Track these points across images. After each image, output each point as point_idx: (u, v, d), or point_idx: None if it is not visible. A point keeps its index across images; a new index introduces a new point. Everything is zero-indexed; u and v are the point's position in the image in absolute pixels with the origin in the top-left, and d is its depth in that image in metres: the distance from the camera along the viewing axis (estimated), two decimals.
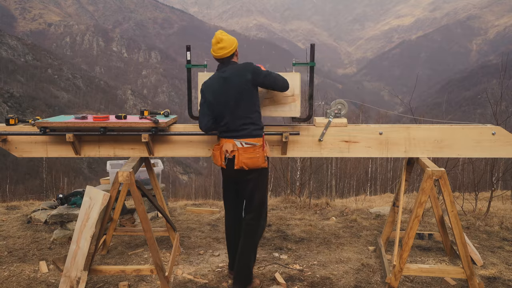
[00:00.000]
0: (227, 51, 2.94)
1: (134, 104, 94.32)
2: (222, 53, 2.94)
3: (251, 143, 2.90)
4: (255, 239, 3.09)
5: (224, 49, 2.93)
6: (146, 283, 3.29)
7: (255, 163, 2.91)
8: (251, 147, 2.89)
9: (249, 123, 2.91)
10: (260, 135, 2.95)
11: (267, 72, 2.95)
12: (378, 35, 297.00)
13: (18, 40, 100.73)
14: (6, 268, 3.56)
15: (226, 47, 2.94)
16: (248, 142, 2.90)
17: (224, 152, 2.94)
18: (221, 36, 2.95)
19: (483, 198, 7.86)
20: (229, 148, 2.91)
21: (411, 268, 3.05)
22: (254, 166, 2.92)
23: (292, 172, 8.93)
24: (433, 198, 3.58)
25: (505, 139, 3.16)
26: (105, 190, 3.26)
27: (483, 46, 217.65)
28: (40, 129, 3.11)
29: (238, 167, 2.90)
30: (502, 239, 4.40)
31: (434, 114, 34.73)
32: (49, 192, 23.90)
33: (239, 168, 2.91)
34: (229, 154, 2.91)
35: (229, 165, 2.97)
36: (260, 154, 2.91)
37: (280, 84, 2.97)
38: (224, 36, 2.95)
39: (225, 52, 2.94)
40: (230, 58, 2.99)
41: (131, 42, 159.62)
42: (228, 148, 2.92)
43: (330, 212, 5.46)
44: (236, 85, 2.87)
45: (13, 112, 53.93)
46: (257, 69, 2.91)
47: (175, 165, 66.96)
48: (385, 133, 3.21)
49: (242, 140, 2.90)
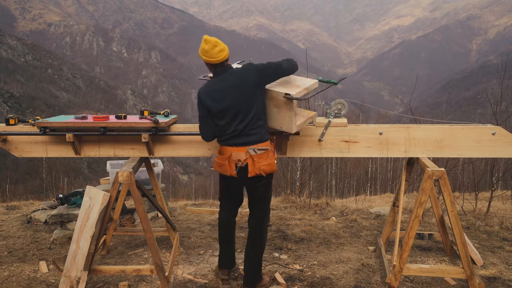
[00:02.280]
0: (226, 52, 2.81)
1: (134, 104, 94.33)
2: (222, 56, 2.78)
3: (263, 148, 2.82)
4: (263, 239, 3.08)
5: (223, 51, 2.79)
6: (146, 283, 3.29)
7: (272, 168, 2.86)
8: (264, 153, 2.82)
9: (260, 126, 2.81)
10: (269, 138, 2.88)
11: (267, 64, 2.83)
12: (378, 35, 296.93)
13: (18, 40, 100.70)
14: (6, 268, 3.56)
15: (224, 49, 2.79)
16: (261, 148, 2.81)
17: (235, 161, 2.83)
18: (214, 39, 2.81)
19: (483, 198, 7.86)
20: (241, 157, 2.80)
21: (411, 268, 3.05)
22: (271, 171, 2.87)
23: (292, 172, 8.92)
24: (433, 198, 3.58)
25: (505, 139, 3.16)
26: (105, 190, 3.26)
27: (483, 46, 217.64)
28: (40, 129, 3.11)
29: (254, 174, 2.81)
30: (502, 239, 4.40)
31: (434, 114, 34.74)
32: (49, 192, 23.89)
33: (255, 175, 2.83)
34: (242, 163, 2.82)
35: (240, 174, 2.88)
36: (273, 158, 2.87)
37: (285, 67, 2.83)
38: (216, 39, 2.83)
39: (225, 54, 2.79)
40: (227, 61, 2.88)
41: (131, 42, 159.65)
42: (241, 157, 2.81)
43: (330, 212, 5.46)
44: (244, 90, 2.74)
45: (13, 112, 53.91)
46: (259, 67, 2.80)
47: (175, 165, 66.98)
48: (385, 133, 3.21)
49: (255, 146, 2.80)
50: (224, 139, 2.88)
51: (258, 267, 3.09)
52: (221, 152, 2.94)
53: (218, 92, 2.80)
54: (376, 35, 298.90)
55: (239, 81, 2.77)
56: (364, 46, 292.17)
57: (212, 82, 2.87)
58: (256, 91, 2.79)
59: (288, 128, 2.92)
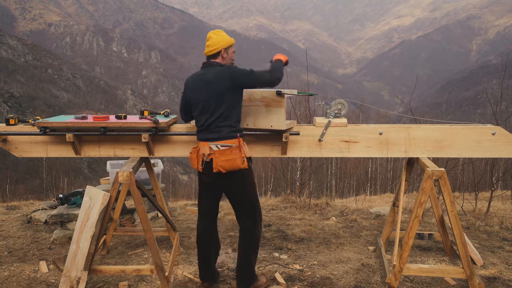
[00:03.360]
0: (211, 49, 2.91)
1: (134, 104, 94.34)
2: (208, 50, 2.93)
3: (227, 145, 2.84)
4: (252, 239, 3.04)
5: (209, 47, 2.92)
6: (146, 283, 3.29)
7: (232, 165, 2.84)
8: (227, 149, 2.83)
9: (226, 126, 2.85)
10: (236, 136, 2.88)
11: (248, 72, 2.87)
12: (378, 35, 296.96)
13: (18, 40, 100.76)
14: (6, 268, 3.56)
15: (210, 45, 2.92)
16: (224, 144, 2.84)
17: (201, 155, 2.89)
18: (211, 34, 2.96)
19: (483, 198, 7.86)
20: (205, 152, 2.86)
21: (411, 268, 3.05)
22: (232, 168, 2.84)
23: (292, 172, 8.92)
24: (433, 198, 3.58)
25: (505, 139, 3.15)
26: (105, 190, 3.26)
27: (483, 46, 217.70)
28: (40, 129, 3.11)
29: (216, 170, 2.84)
30: (502, 239, 4.40)
31: (434, 114, 34.70)
32: (49, 192, 23.91)
33: (217, 172, 2.85)
34: (207, 158, 2.87)
35: (206, 169, 2.91)
36: (237, 155, 2.83)
37: (266, 79, 2.90)
38: (213, 35, 2.94)
39: (210, 49, 2.91)
40: (213, 58, 2.94)
41: (131, 42, 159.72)
42: (205, 151, 2.86)
43: (330, 212, 5.46)
44: (215, 89, 2.82)
45: (13, 112, 53.90)
46: (236, 73, 2.85)
47: (175, 165, 66.96)
48: (385, 133, 3.21)
49: (218, 143, 2.84)
50: (197, 131, 2.99)
51: (250, 268, 3.06)
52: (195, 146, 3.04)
53: (195, 84, 2.95)
54: (376, 35, 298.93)
55: (214, 80, 2.85)
56: (364, 46, 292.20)
57: (197, 72, 2.99)
58: (226, 93, 2.84)
59: (278, 125, 3.02)
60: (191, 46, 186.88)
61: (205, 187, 3.07)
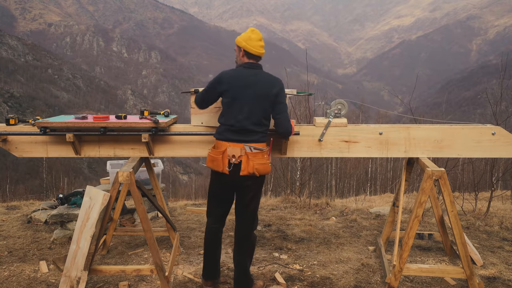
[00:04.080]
0: (264, 52, 2.88)
1: (134, 104, 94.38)
2: (261, 52, 2.85)
3: (259, 148, 2.80)
4: (249, 244, 3.03)
5: (263, 49, 2.87)
6: (146, 283, 3.29)
7: (266, 168, 2.82)
8: (259, 153, 2.79)
9: (260, 131, 2.81)
10: (265, 141, 2.87)
11: (285, 103, 2.86)
12: (378, 35, 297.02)
13: (18, 40, 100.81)
14: (6, 268, 3.56)
15: (264, 48, 2.88)
16: (257, 147, 2.79)
17: (229, 157, 2.78)
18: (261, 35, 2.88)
19: (483, 198, 7.87)
20: (236, 153, 2.76)
21: (411, 268, 3.05)
22: (265, 172, 2.83)
23: (292, 172, 8.93)
24: (433, 198, 3.58)
25: (505, 139, 3.16)
26: (105, 190, 3.26)
27: (483, 46, 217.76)
28: (40, 129, 3.11)
29: (247, 173, 2.75)
30: (502, 239, 4.41)
31: (434, 114, 34.71)
32: (49, 192, 23.93)
33: (247, 174, 2.76)
34: (236, 159, 2.77)
35: (233, 171, 2.80)
36: (268, 160, 2.84)
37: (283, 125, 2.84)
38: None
39: (263, 52, 2.87)
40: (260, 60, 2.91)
41: (131, 42, 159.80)
42: (236, 153, 2.76)
43: (330, 212, 5.46)
44: (263, 90, 2.77)
45: (13, 112, 53.93)
46: (283, 91, 2.85)
47: (175, 165, 67.00)
48: (385, 133, 3.21)
49: (252, 145, 2.77)
50: (221, 131, 2.85)
51: (245, 274, 3.03)
52: (215, 147, 2.89)
53: (243, 80, 2.79)
54: (376, 35, 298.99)
55: (264, 84, 2.79)
56: (364, 46, 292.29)
57: (240, 70, 2.85)
58: (269, 101, 2.80)
59: None
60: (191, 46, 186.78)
61: (222, 190, 2.97)
